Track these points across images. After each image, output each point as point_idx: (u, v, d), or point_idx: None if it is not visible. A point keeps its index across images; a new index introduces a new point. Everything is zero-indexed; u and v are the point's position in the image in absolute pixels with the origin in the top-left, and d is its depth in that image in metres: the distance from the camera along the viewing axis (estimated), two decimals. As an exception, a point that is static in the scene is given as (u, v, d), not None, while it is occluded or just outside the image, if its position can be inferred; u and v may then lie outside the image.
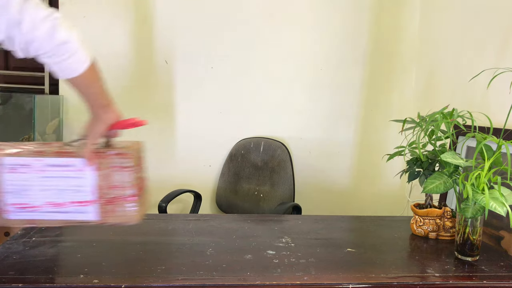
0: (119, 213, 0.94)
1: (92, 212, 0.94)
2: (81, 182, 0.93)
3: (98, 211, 0.94)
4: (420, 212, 1.27)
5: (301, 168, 2.29)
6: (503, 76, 1.18)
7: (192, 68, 2.19)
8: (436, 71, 2.01)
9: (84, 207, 0.93)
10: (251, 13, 2.19)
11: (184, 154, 2.21)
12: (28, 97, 1.99)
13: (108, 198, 0.94)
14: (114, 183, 0.93)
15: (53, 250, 1.03)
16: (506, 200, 0.99)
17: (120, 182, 0.93)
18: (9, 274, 0.90)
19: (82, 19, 2.11)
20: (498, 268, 1.04)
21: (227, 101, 2.23)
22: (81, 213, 0.94)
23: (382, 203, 2.34)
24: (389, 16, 2.25)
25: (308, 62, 2.24)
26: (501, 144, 1.05)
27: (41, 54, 0.84)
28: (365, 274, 0.96)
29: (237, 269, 0.97)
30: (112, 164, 0.93)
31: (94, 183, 0.93)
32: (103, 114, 0.93)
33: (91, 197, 0.93)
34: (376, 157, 2.31)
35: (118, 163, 0.93)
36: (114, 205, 0.94)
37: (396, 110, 2.30)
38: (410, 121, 1.24)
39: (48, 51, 0.83)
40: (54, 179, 0.92)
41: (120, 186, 0.93)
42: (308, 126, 2.28)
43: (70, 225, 0.95)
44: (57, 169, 0.92)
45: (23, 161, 0.92)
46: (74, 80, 0.89)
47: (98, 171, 0.93)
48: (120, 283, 0.88)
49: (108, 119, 0.93)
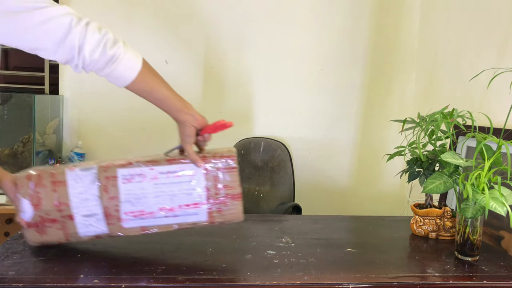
0: (226, 212, 1.00)
1: (202, 213, 0.99)
2: (192, 185, 0.98)
3: (207, 212, 0.99)
4: (420, 212, 1.27)
5: (301, 168, 2.29)
6: (503, 76, 1.18)
7: (192, 68, 2.19)
8: (436, 71, 2.01)
9: (195, 209, 0.98)
10: (251, 13, 2.19)
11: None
12: (28, 97, 1.99)
13: (217, 199, 0.99)
14: (222, 183, 0.99)
15: (53, 250, 1.03)
16: (506, 200, 0.99)
17: (227, 182, 0.99)
18: (9, 274, 0.90)
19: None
20: (498, 268, 1.04)
21: (227, 101, 2.23)
22: (192, 215, 0.99)
23: (382, 203, 2.34)
24: (389, 16, 2.25)
25: (308, 62, 2.24)
26: (501, 144, 1.05)
27: (95, 70, 0.91)
28: (365, 274, 0.96)
29: (237, 269, 0.97)
30: (220, 166, 0.99)
31: (203, 185, 0.98)
32: (181, 117, 0.97)
33: (201, 199, 0.98)
34: (376, 157, 2.31)
35: (225, 164, 0.99)
36: (222, 205, 0.99)
37: (396, 110, 2.30)
38: (410, 121, 1.24)
39: (100, 66, 0.90)
40: (167, 185, 0.97)
41: (227, 187, 0.99)
42: (308, 126, 2.28)
43: (181, 228, 1.00)
44: (170, 175, 0.98)
45: (138, 171, 0.97)
46: (134, 87, 0.94)
47: (207, 174, 0.98)
48: (120, 283, 0.88)
49: (188, 121, 0.96)
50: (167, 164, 0.98)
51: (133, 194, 0.97)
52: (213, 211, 0.99)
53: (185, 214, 0.98)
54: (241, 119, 2.25)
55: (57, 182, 0.97)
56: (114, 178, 0.97)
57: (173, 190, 0.97)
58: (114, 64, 0.89)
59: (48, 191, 0.97)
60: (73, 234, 0.99)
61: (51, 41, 0.85)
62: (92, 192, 0.97)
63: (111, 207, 0.97)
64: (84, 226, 0.98)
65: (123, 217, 0.97)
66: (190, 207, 0.98)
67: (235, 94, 2.23)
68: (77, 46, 0.86)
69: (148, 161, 0.99)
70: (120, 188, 0.97)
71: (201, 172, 0.98)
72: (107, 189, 0.97)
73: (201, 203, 0.98)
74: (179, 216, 0.99)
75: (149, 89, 0.95)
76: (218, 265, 0.98)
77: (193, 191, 0.98)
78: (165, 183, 0.97)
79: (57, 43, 0.85)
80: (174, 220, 0.99)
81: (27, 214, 0.97)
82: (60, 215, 0.97)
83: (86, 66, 0.89)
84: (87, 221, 0.97)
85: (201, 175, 0.98)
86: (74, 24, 0.86)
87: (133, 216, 0.97)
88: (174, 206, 0.98)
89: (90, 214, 0.97)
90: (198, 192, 0.98)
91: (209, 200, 0.98)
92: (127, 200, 0.97)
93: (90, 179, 0.97)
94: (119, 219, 0.98)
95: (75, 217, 0.97)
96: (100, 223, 0.98)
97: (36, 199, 0.97)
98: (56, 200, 0.97)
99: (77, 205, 0.97)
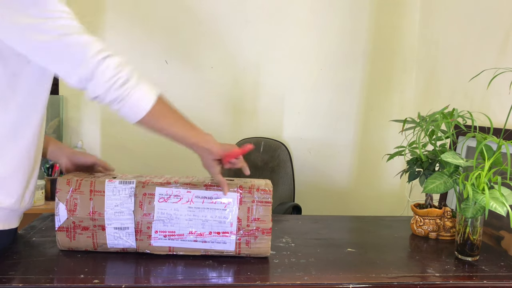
0: (254, 246, 1.00)
1: (231, 243, 1.00)
2: (225, 214, 0.99)
3: (236, 242, 0.99)
4: (420, 212, 1.26)
5: (301, 168, 2.29)
6: (503, 76, 1.18)
7: (192, 68, 2.19)
8: (436, 71, 2.01)
9: (224, 238, 0.99)
10: (251, 13, 2.19)
11: (184, 154, 2.20)
12: (28, 97, 1.98)
13: (247, 231, 0.99)
14: (255, 216, 0.99)
15: (53, 250, 1.03)
16: (506, 200, 0.99)
17: (260, 216, 0.99)
18: (9, 274, 0.90)
19: (82, 19, 2.11)
20: (498, 268, 1.04)
21: (227, 101, 2.23)
22: (220, 243, 1.00)
23: (382, 203, 2.34)
24: (389, 16, 2.25)
25: (308, 62, 2.24)
26: (501, 144, 1.05)
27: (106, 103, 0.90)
28: (366, 274, 0.96)
29: (237, 269, 0.97)
30: (255, 199, 1.00)
31: (236, 216, 0.99)
32: (197, 151, 0.99)
33: (232, 229, 0.99)
34: (376, 157, 2.31)
35: (261, 198, 1.00)
36: (251, 237, 1.00)
37: (396, 110, 2.30)
38: (410, 121, 1.24)
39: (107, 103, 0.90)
40: (200, 210, 0.99)
41: (259, 220, 0.99)
42: (308, 126, 2.28)
43: (207, 254, 1.00)
44: (205, 201, 0.99)
45: (175, 191, 0.99)
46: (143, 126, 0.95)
47: (241, 204, 0.99)
48: (120, 283, 0.88)
49: (203, 155, 0.99)
50: (204, 189, 1.00)
51: (167, 214, 0.98)
52: (241, 242, 1.00)
53: (214, 241, 0.99)
54: (240, 119, 2.24)
55: (95, 191, 0.98)
56: (151, 196, 0.98)
57: (206, 215, 0.99)
58: (119, 104, 0.90)
59: (85, 198, 0.98)
60: (102, 244, 1.00)
61: (69, 64, 0.87)
62: (128, 206, 0.98)
63: (143, 223, 0.98)
64: (114, 238, 0.99)
65: (154, 235, 0.98)
66: (220, 235, 0.99)
67: (235, 94, 2.23)
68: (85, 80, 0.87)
69: (186, 183, 1.00)
70: (155, 206, 0.98)
71: (236, 202, 0.99)
72: (142, 205, 0.98)
73: (231, 232, 0.99)
74: (208, 242, 0.99)
75: (159, 129, 0.96)
76: (219, 265, 0.98)
77: (225, 219, 0.99)
78: (199, 208, 0.99)
79: (72, 68, 0.87)
80: (202, 246, 1.00)
81: (61, 217, 0.98)
82: (92, 224, 0.98)
83: (93, 99, 0.90)
84: (118, 233, 0.98)
85: (236, 205, 0.99)
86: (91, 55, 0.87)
87: (163, 236, 0.99)
88: (205, 231, 0.99)
89: (122, 228, 0.98)
90: (230, 222, 0.99)
91: (239, 231, 0.99)
92: (160, 219, 0.98)
93: (128, 193, 0.98)
94: (149, 237, 0.99)
95: (107, 228, 0.98)
96: (130, 238, 0.99)
97: (72, 205, 0.98)
98: (91, 209, 0.98)
99: (110, 217, 0.98)
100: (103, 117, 2.18)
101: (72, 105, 2.17)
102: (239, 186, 1.01)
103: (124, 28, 2.14)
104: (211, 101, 2.22)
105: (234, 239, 0.99)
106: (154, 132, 0.97)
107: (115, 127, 2.19)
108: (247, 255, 1.02)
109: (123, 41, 2.14)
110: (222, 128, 2.23)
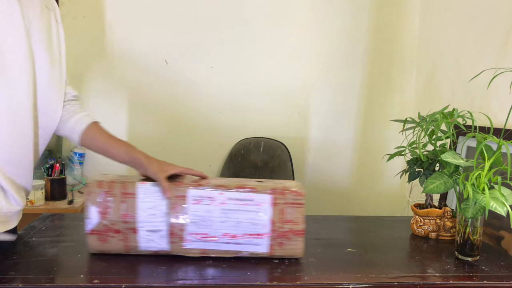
0: (287, 247, 1.00)
1: (264, 245, 0.99)
2: (259, 216, 0.98)
3: (269, 244, 0.99)
4: (420, 212, 1.26)
5: (301, 168, 2.29)
6: (503, 76, 1.18)
7: (192, 68, 2.19)
8: (436, 71, 2.01)
9: (257, 240, 0.99)
10: (251, 13, 2.19)
11: (184, 154, 2.21)
12: (28, 97, 1.98)
13: (280, 232, 0.99)
14: (288, 218, 0.99)
15: (53, 250, 1.03)
16: (507, 200, 0.99)
17: (293, 217, 0.99)
18: (9, 274, 0.90)
19: (82, 19, 2.11)
20: (498, 268, 1.04)
21: (227, 101, 2.23)
22: (253, 245, 0.99)
23: (382, 203, 2.34)
24: (389, 16, 2.25)
25: (308, 62, 2.24)
26: (502, 144, 1.05)
27: None
28: (366, 274, 0.96)
29: (237, 269, 0.97)
30: (288, 200, 1.00)
31: (270, 217, 0.98)
32: None
33: (265, 230, 0.98)
34: (376, 157, 2.31)
35: (294, 199, 1.00)
36: (284, 238, 1.00)
37: (396, 110, 2.30)
38: (411, 121, 1.24)
39: None
40: (234, 211, 0.98)
41: (292, 222, 0.99)
42: (308, 126, 2.28)
43: (239, 256, 1.00)
44: (238, 202, 0.98)
45: (207, 193, 0.98)
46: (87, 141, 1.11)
47: (274, 206, 0.99)
48: (120, 283, 0.88)
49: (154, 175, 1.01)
50: (236, 191, 0.99)
51: (200, 216, 0.97)
52: (276, 243, 0.99)
53: (247, 243, 0.99)
54: (241, 118, 2.24)
55: (127, 194, 0.98)
56: (184, 198, 0.98)
57: (239, 217, 0.98)
58: None
59: (117, 201, 0.97)
60: (134, 247, 0.99)
61: None
62: (161, 208, 0.97)
63: (176, 226, 0.97)
64: (146, 241, 0.98)
65: (187, 237, 0.98)
66: (253, 236, 0.98)
67: (235, 94, 2.23)
68: None
69: (218, 185, 1.00)
70: (189, 208, 0.98)
71: (269, 204, 0.99)
72: (175, 207, 0.97)
73: (265, 234, 0.99)
74: (241, 244, 0.99)
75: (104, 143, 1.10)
76: (218, 265, 0.98)
77: (259, 221, 0.98)
78: (232, 210, 0.98)
79: None
80: (235, 248, 0.99)
81: (93, 221, 0.97)
82: (124, 227, 0.97)
83: None
84: (150, 236, 0.97)
85: (269, 206, 0.99)
86: None
87: (197, 238, 0.98)
88: (238, 233, 0.98)
89: (155, 230, 0.97)
90: (264, 223, 0.98)
91: (273, 233, 0.99)
92: (193, 221, 0.97)
93: (160, 195, 0.97)
94: (182, 239, 0.98)
95: (139, 231, 0.97)
96: (162, 240, 0.98)
97: (104, 207, 0.97)
98: (124, 211, 0.97)
99: (143, 219, 0.97)
100: (103, 117, 2.18)
101: (72, 105, 2.17)
102: (272, 188, 1.00)
103: (124, 28, 2.14)
104: (211, 101, 2.22)
105: (267, 241, 0.99)
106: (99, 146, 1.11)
107: (115, 127, 2.18)
108: (280, 257, 1.02)
109: (123, 41, 2.14)
110: (222, 128, 2.23)
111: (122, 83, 2.16)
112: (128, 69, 2.16)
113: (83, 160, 2.16)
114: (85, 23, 2.12)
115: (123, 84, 2.16)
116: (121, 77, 2.16)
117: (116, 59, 2.15)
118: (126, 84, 2.16)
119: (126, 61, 2.15)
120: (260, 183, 1.03)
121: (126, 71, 2.16)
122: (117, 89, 2.17)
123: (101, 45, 2.14)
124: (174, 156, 2.22)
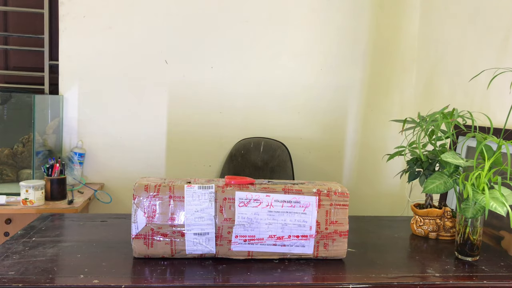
0: (332, 248, 1.01)
1: (309, 246, 1.00)
2: (305, 217, 0.99)
3: (314, 245, 1.00)
4: (420, 212, 1.26)
5: (301, 168, 2.29)
6: (503, 76, 1.18)
7: (193, 68, 2.19)
8: (436, 71, 2.01)
9: (303, 241, 0.99)
10: (251, 13, 2.19)
11: (184, 154, 2.21)
12: (28, 97, 1.99)
13: (325, 234, 1.00)
14: (333, 219, 1.00)
15: (53, 250, 1.03)
16: (506, 200, 0.99)
17: (338, 219, 1.00)
18: (9, 274, 0.90)
19: (82, 18, 2.11)
20: (498, 268, 1.04)
21: (227, 101, 2.23)
22: (299, 246, 1.00)
23: (382, 203, 2.34)
24: (389, 16, 2.25)
25: (308, 62, 2.25)
26: (501, 144, 1.05)
27: None
28: (366, 274, 0.96)
29: (237, 269, 0.97)
30: (333, 202, 1.01)
31: (315, 219, 0.99)
32: None
33: (311, 232, 0.99)
34: (376, 157, 2.31)
35: (339, 201, 1.01)
36: (329, 240, 1.00)
37: (396, 110, 2.30)
38: (411, 121, 1.24)
39: None
40: (280, 213, 0.99)
41: (337, 223, 1.00)
42: (308, 126, 2.28)
43: (284, 258, 1.01)
44: (284, 204, 0.99)
45: (254, 195, 0.98)
46: None
47: (320, 208, 0.99)
48: (120, 283, 0.88)
49: None
50: (283, 193, 0.99)
51: (247, 219, 0.98)
52: (321, 245, 1.00)
53: (293, 244, 0.99)
54: (240, 118, 2.24)
55: (174, 197, 0.97)
56: (231, 200, 0.98)
57: (285, 219, 0.98)
58: None
59: (164, 204, 0.97)
60: (180, 250, 0.98)
61: None
62: (208, 211, 0.97)
63: (224, 228, 0.97)
64: (193, 244, 0.98)
65: (234, 240, 0.98)
66: (299, 238, 0.99)
67: (235, 94, 2.23)
68: None
69: (265, 187, 1.00)
70: (236, 210, 0.98)
71: (315, 205, 0.99)
72: (222, 210, 0.97)
73: (310, 236, 0.99)
74: (287, 246, 0.99)
75: None
76: (219, 265, 0.98)
77: (305, 223, 0.99)
78: (278, 212, 0.98)
79: None
80: (280, 249, 1.00)
81: (140, 225, 0.96)
82: (171, 230, 0.97)
83: None
84: (197, 239, 0.97)
85: (315, 208, 0.99)
86: None
87: (243, 240, 0.98)
88: (284, 235, 0.99)
89: (202, 233, 0.97)
90: (309, 225, 0.99)
91: (318, 234, 0.99)
92: (241, 223, 0.98)
93: (208, 198, 0.97)
94: (229, 242, 0.98)
95: (186, 234, 0.97)
96: (209, 243, 0.98)
97: (151, 211, 0.96)
98: (171, 215, 0.96)
99: (190, 222, 0.97)
100: (103, 117, 2.18)
101: (72, 105, 2.17)
102: (317, 189, 1.00)
103: (124, 28, 2.14)
104: (211, 101, 2.22)
105: (313, 242, 0.99)
106: None
107: (115, 127, 2.19)
108: (324, 258, 1.02)
109: (123, 41, 2.15)
110: (222, 128, 2.23)
111: (122, 82, 2.16)
112: (128, 68, 2.16)
113: (83, 160, 2.16)
114: (85, 23, 2.12)
115: (122, 83, 2.16)
116: (121, 77, 2.16)
117: (116, 59, 2.15)
118: (125, 83, 2.16)
119: (126, 61, 2.15)
120: (303, 185, 1.02)
121: (126, 71, 2.16)
122: (116, 89, 2.17)
123: (101, 45, 2.14)
124: (174, 156, 2.23)
